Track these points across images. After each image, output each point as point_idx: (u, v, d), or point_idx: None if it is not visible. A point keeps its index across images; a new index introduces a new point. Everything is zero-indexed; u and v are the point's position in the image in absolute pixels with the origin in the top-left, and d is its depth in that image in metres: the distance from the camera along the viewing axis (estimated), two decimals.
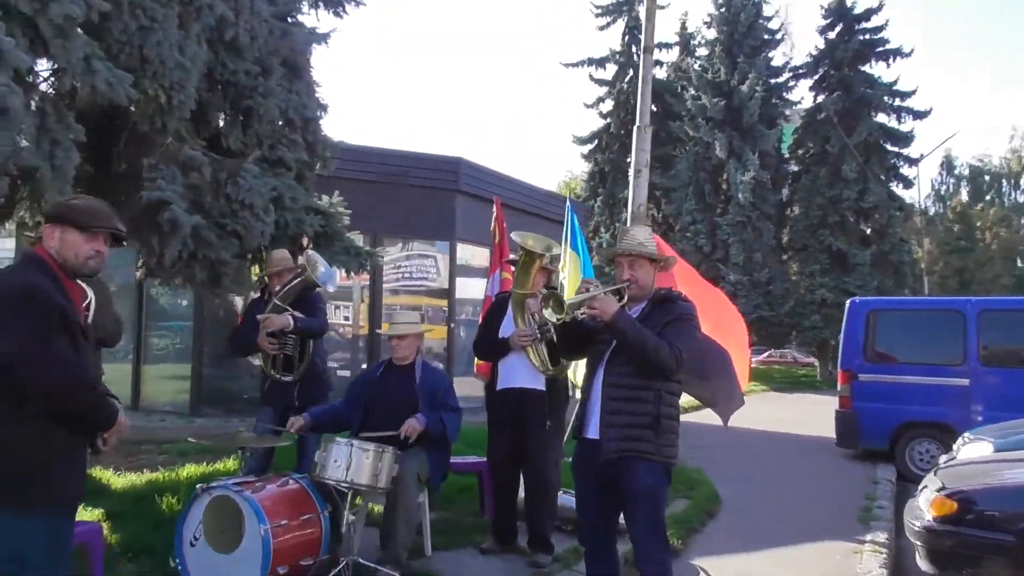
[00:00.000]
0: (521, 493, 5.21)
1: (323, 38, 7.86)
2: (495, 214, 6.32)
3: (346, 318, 13.06)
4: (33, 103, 4.44)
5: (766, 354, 42.95)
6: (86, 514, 5.52)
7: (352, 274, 8.27)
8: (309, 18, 8.62)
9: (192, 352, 11.56)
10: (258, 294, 5.65)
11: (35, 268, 2.70)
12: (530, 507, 5.03)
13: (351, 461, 4.28)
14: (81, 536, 3.89)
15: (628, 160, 31.06)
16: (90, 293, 4.22)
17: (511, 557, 5.08)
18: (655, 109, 31.85)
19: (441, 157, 13.60)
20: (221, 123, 6.88)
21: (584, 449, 3.80)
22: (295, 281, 5.20)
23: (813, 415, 13.83)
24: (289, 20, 7.61)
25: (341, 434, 4.60)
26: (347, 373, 12.51)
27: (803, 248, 26.99)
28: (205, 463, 7.07)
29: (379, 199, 12.31)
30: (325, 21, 14.44)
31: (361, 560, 4.39)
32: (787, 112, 29.67)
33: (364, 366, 12.69)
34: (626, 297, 3.76)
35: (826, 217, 26.13)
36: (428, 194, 13.16)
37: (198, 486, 4.23)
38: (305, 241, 7.73)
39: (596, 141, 32.33)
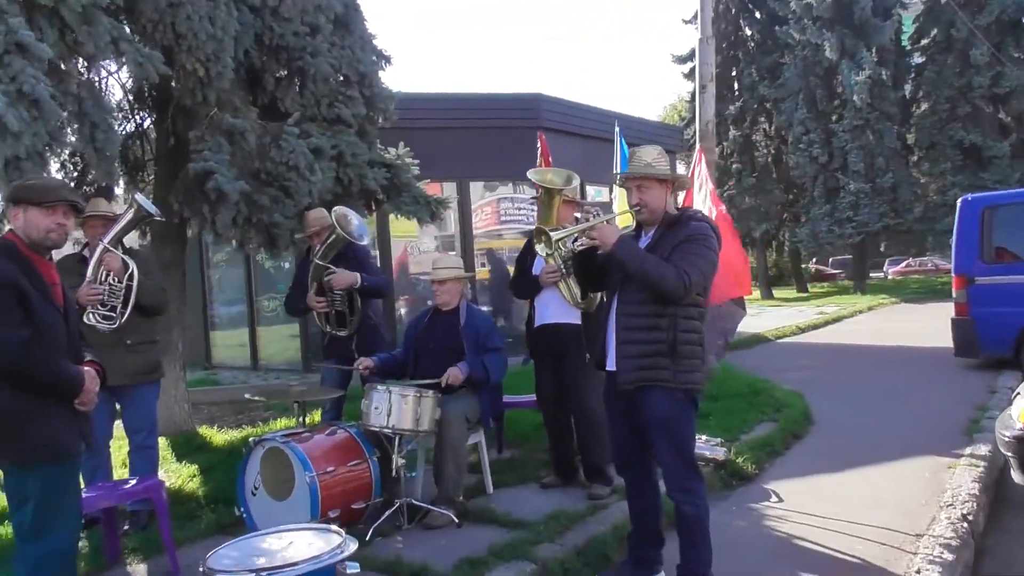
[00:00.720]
0: None
1: None
2: (540, 148, 6.19)
3: None
4: (71, 91, 4.65)
5: (903, 264, 40.63)
6: (184, 469, 5.97)
7: (422, 222, 8.34)
8: None
9: None
10: (304, 255, 5.79)
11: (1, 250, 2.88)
12: (582, 441, 5.01)
13: (391, 407, 4.39)
14: (146, 492, 4.20)
15: (732, 75, 29.94)
16: (132, 264, 4.49)
17: (571, 490, 5.09)
18: (759, 16, 30.18)
19: (519, 95, 13.42)
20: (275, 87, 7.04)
21: (608, 381, 3.72)
22: (330, 238, 5.28)
23: (939, 325, 13.00)
24: None
25: (386, 382, 4.70)
26: None
27: (931, 146, 25.03)
28: (297, 418, 7.43)
29: (461, 145, 12.32)
30: None
31: (414, 501, 4.53)
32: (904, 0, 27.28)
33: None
34: (633, 224, 3.60)
35: (955, 109, 24.08)
36: (510, 134, 13.01)
37: (250, 439, 4.45)
38: (380, 195, 7.89)
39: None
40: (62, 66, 4.69)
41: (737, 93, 29.43)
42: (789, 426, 6.70)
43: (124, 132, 7.91)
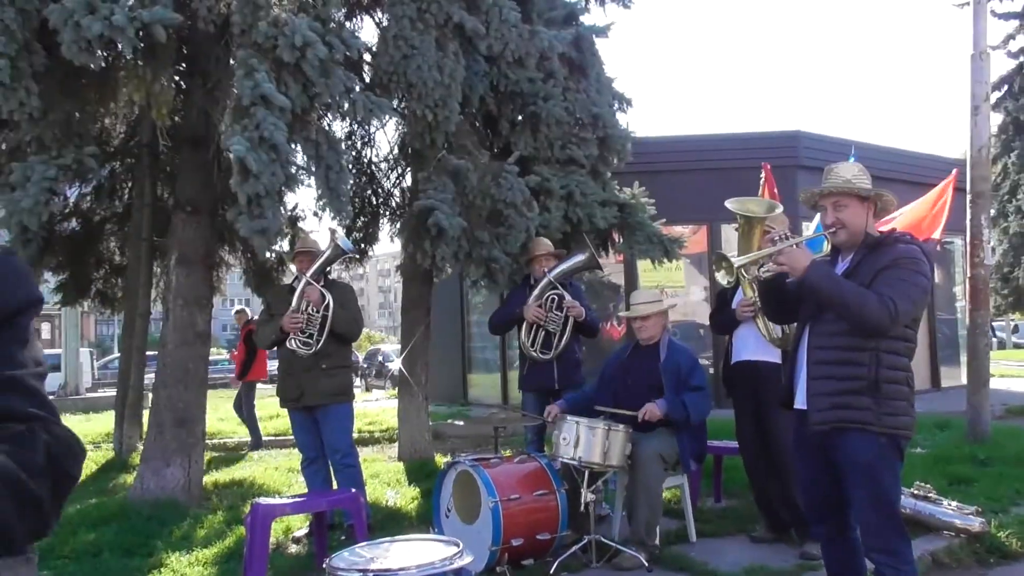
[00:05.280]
0: None
1: (602, 31, 8.05)
2: (763, 180, 5.82)
3: None
4: (311, 137, 5.20)
5: None
6: (409, 491, 6.30)
7: (656, 261, 8.19)
8: (593, 15, 8.90)
9: None
10: (519, 284, 5.95)
11: None
12: (785, 491, 4.51)
13: (579, 438, 4.29)
14: (342, 503, 4.47)
15: None
16: (328, 296, 4.93)
17: (783, 547, 4.59)
18: None
19: (776, 133, 12.87)
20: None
21: (797, 421, 3.33)
22: (576, 261, 5.61)
23: None
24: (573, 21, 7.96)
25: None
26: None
27: None
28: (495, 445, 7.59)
29: (713, 187, 12.01)
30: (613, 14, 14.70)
31: (603, 539, 4.36)
32: None
33: (709, 353, 12.49)
34: (826, 247, 3.23)
35: None
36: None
37: (444, 462, 4.58)
38: (615, 235, 7.97)
39: (1006, 87, 27.58)
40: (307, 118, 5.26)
41: None
42: None
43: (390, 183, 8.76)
